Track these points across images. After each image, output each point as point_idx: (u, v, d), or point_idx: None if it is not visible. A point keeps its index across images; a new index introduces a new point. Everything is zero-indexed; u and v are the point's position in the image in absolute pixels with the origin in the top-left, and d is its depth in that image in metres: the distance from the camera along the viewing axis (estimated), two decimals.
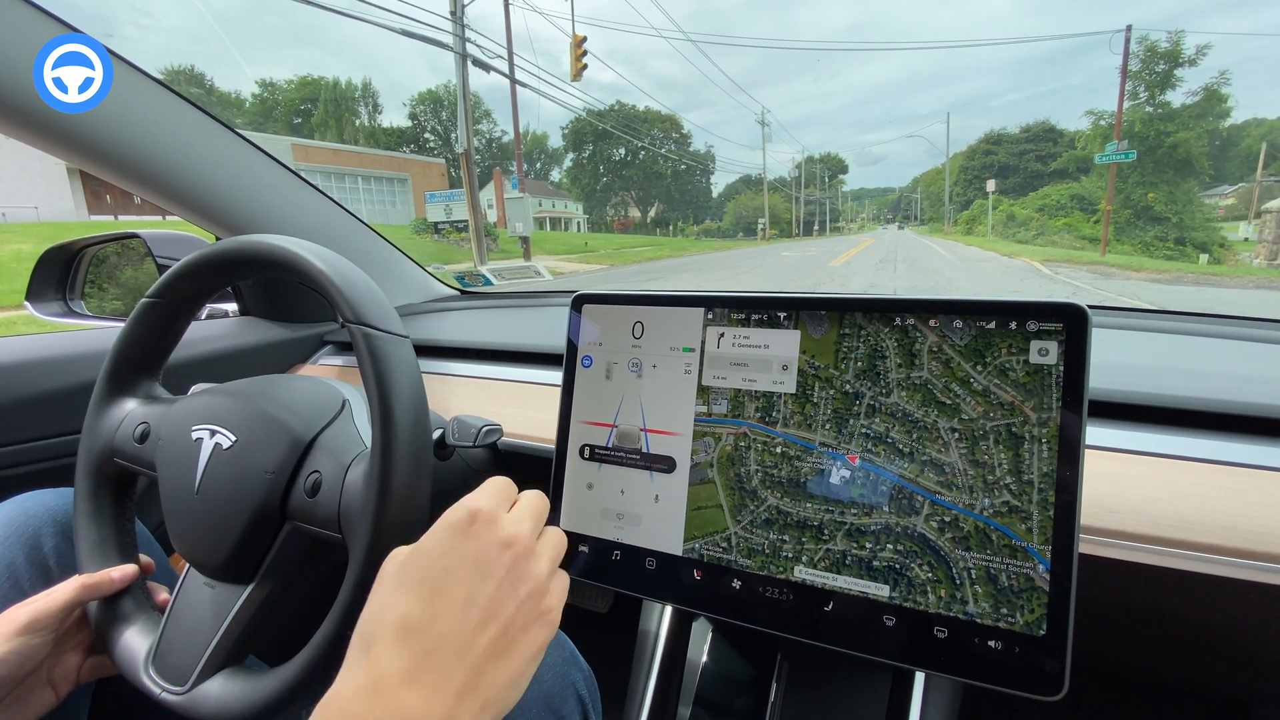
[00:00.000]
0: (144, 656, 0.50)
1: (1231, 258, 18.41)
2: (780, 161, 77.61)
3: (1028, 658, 0.39)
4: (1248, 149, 28.87)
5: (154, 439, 0.55)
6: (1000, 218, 29.86)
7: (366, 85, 49.52)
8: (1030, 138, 42.87)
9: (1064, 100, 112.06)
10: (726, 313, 0.51)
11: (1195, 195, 20.78)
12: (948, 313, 0.43)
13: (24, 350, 0.80)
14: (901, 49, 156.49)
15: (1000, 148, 44.66)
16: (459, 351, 0.95)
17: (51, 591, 0.51)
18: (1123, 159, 18.42)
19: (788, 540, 0.47)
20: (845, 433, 0.46)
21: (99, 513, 0.57)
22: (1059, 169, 33.92)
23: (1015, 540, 0.41)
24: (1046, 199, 27.16)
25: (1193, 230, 19.80)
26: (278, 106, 48.93)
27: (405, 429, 0.44)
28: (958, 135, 75.74)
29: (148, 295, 0.57)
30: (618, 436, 0.54)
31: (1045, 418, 0.40)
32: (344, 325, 0.47)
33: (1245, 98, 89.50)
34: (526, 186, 21.47)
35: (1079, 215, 25.02)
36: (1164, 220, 20.05)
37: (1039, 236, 25.22)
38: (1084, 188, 26.31)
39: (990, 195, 32.16)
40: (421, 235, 20.45)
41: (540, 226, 41.55)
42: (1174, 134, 20.14)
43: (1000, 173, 42.46)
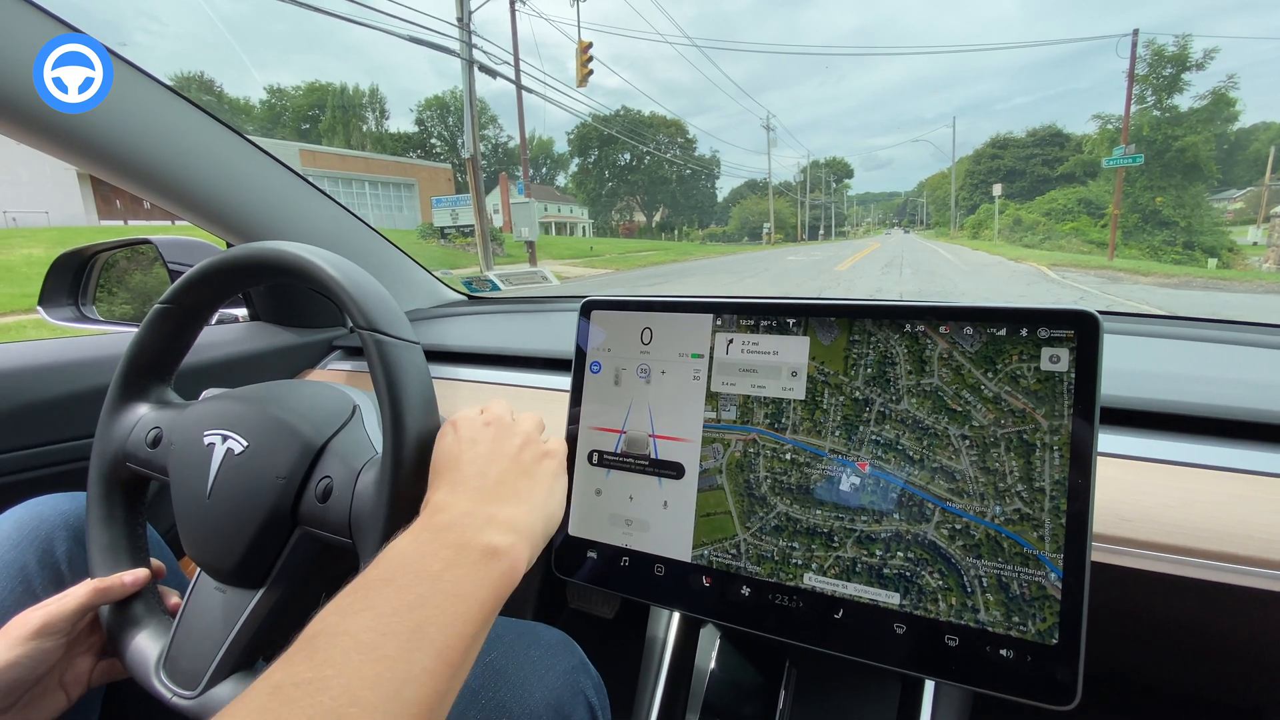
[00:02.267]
0: (155, 661, 0.50)
1: (1240, 262, 18.20)
2: (785, 166, 77.60)
3: (1040, 667, 0.39)
4: (1256, 153, 28.62)
5: (166, 444, 0.55)
6: (1007, 222, 29.62)
7: (374, 91, 49.81)
8: (1037, 142, 42.58)
9: (1071, 104, 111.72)
10: (735, 319, 0.51)
11: (1204, 199, 20.58)
12: (958, 319, 0.43)
13: (37, 355, 0.81)
14: (906, 53, 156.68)
15: (1006, 152, 44.36)
16: (467, 356, 0.96)
17: (64, 595, 0.52)
18: (1130, 163, 18.26)
19: (797, 547, 0.47)
20: (855, 439, 0.46)
21: (111, 517, 0.57)
22: (1066, 173, 33.65)
23: (1027, 548, 0.40)
24: (1053, 203, 27.03)
25: (1201, 234, 19.58)
26: (286, 112, 49.26)
27: (416, 435, 0.44)
28: (964, 139, 75.60)
29: (161, 301, 0.58)
30: (626, 442, 0.54)
31: (1057, 425, 0.40)
32: (355, 331, 0.47)
33: (1253, 101, 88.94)
34: (532, 192, 21.48)
35: (1086, 219, 24.88)
36: (1172, 224, 19.84)
37: (1046, 241, 25.01)
38: (1091, 192, 26.17)
39: (997, 200, 31.92)
40: (428, 240, 20.57)
41: (546, 231, 41.63)
42: (1182, 138, 19.99)
43: (1007, 177, 42.19)
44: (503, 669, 0.49)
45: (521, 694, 0.47)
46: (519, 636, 0.52)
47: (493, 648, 0.50)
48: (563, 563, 0.56)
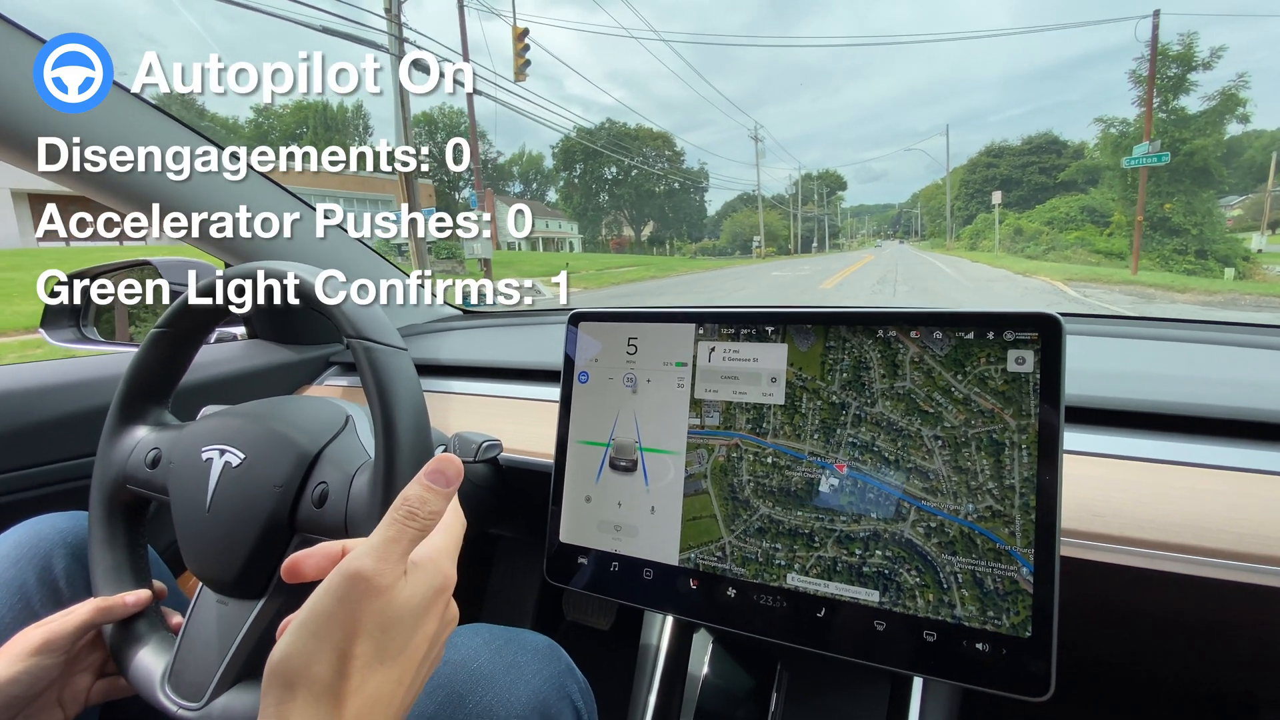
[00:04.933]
0: (160, 675, 0.51)
1: (1260, 271, 16.93)
2: (778, 179, 77.77)
3: (1015, 659, 0.40)
4: (1250, 160, 28.44)
5: (165, 463, 0.57)
6: (1007, 232, 28.45)
7: (357, 108, 49.63)
8: (1033, 149, 41.39)
9: (1063, 116, 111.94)
10: (717, 328, 0.53)
11: (1215, 205, 18.86)
12: (928, 324, 0.45)
13: (35, 377, 0.82)
14: (900, 50, 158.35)
15: (1002, 160, 43.08)
16: (459, 370, 0.97)
17: (66, 613, 0.53)
18: (1155, 161, 15.59)
19: (780, 548, 0.48)
20: (833, 442, 0.47)
21: (113, 539, 0.58)
22: (1067, 180, 33.00)
23: (999, 544, 0.42)
24: (1055, 211, 25.83)
25: (1214, 243, 17.97)
26: (274, 131, 49.20)
27: (407, 434, 0.46)
28: (957, 150, 75.83)
29: (157, 326, 0.59)
30: (614, 449, 0.55)
31: (1024, 424, 0.42)
32: (346, 341, 0.49)
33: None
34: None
35: (1091, 228, 23.66)
36: (1183, 232, 18.19)
37: (1050, 251, 23.92)
38: (1094, 199, 24.72)
39: (996, 208, 30.63)
40: (389, 255, 20.59)
41: (534, 247, 41.38)
42: (1189, 141, 17.84)
43: (1002, 186, 41.31)
44: (488, 673, 0.49)
45: (507, 698, 0.48)
46: (506, 642, 0.53)
47: (478, 653, 0.51)
48: (555, 570, 0.57)
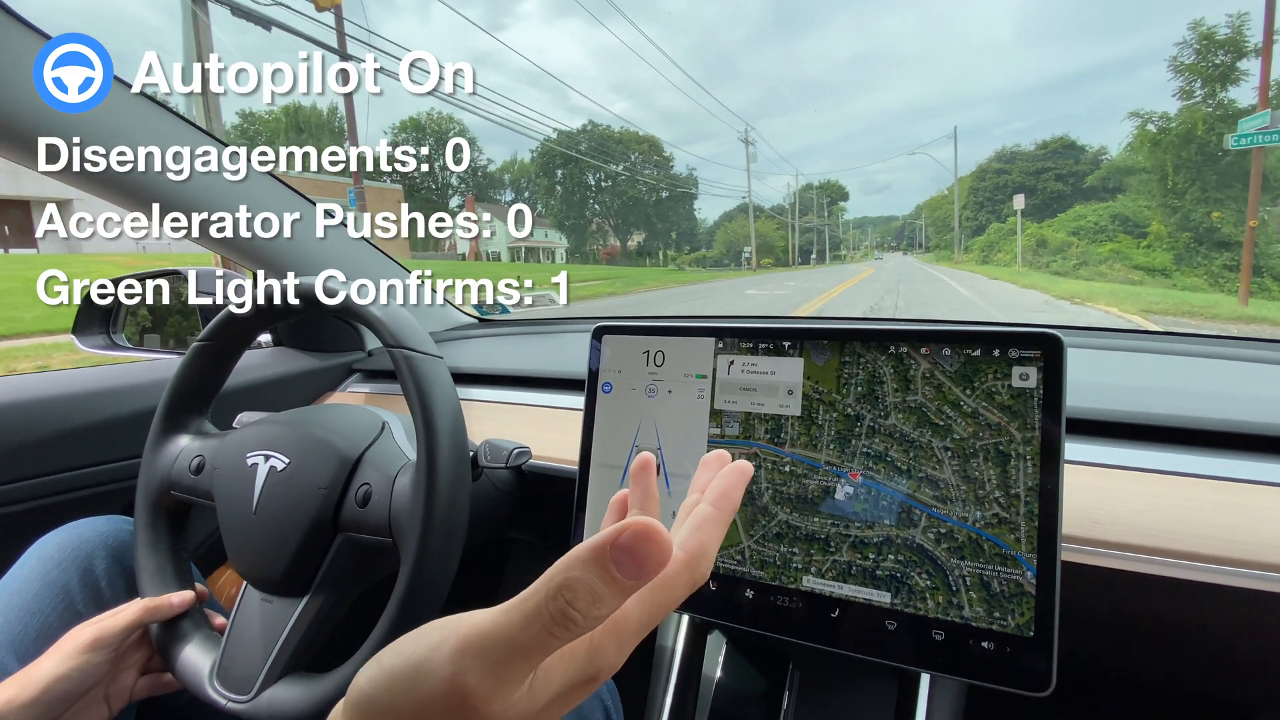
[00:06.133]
0: (208, 671, 0.54)
1: None
2: (776, 190, 77.11)
3: (1018, 657, 0.43)
4: (1269, 167, 26.67)
5: (210, 469, 0.60)
6: (1029, 243, 24.25)
7: (333, 111, 47.74)
8: (1049, 154, 36.31)
9: (1067, 130, 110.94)
10: (736, 342, 0.56)
11: (1273, 214, 15.75)
12: (938, 341, 0.48)
13: (77, 383, 0.86)
14: (905, 70, 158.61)
15: (1014, 166, 38.18)
16: (479, 377, 1.00)
17: (115, 612, 0.56)
18: (1274, 141, 10.09)
19: (797, 552, 0.51)
20: (848, 452, 0.50)
21: (157, 543, 0.61)
22: (1092, 185, 28.00)
23: (1005, 549, 0.44)
24: (1082, 220, 22.33)
25: (1271, 258, 14.73)
26: (259, 136, 48.57)
27: (446, 436, 0.49)
28: (962, 162, 75.07)
29: (199, 339, 0.63)
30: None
31: (1029, 436, 0.45)
32: (387, 350, 0.53)
33: None
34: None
35: (1127, 240, 19.88)
36: (1234, 245, 15.25)
37: (1081, 267, 19.93)
38: (1124, 206, 21.12)
39: (1018, 214, 25.63)
40: None
41: (517, 257, 40.48)
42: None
43: (1017, 193, 37.12)
44: None
45: None
46: None
47: None
48: None
